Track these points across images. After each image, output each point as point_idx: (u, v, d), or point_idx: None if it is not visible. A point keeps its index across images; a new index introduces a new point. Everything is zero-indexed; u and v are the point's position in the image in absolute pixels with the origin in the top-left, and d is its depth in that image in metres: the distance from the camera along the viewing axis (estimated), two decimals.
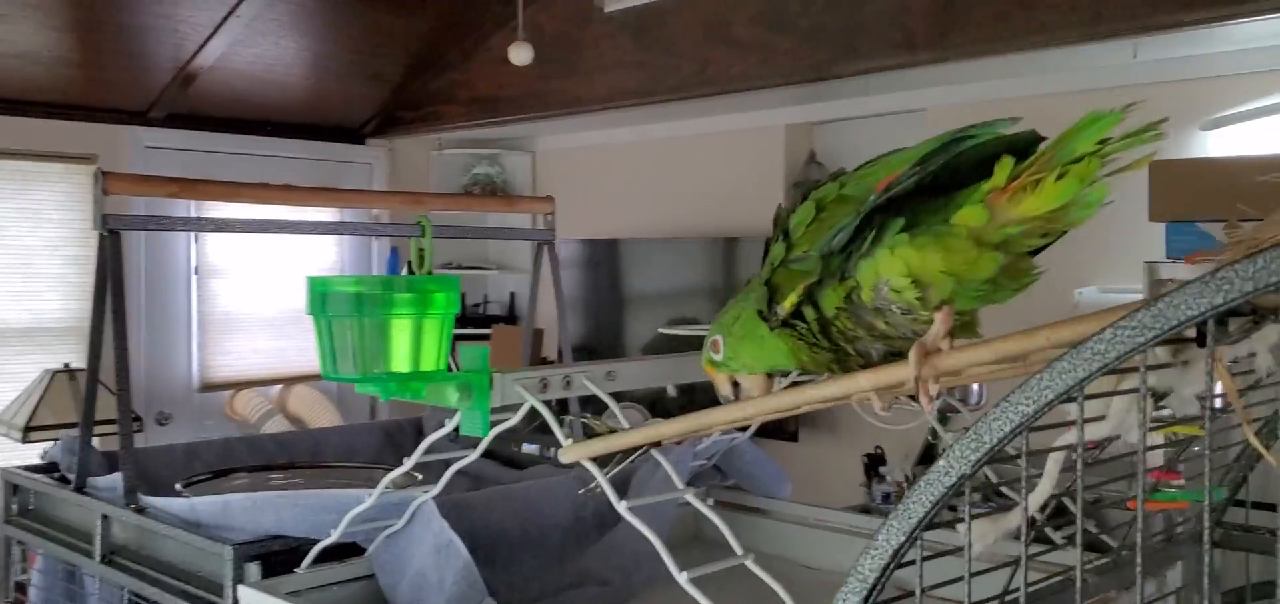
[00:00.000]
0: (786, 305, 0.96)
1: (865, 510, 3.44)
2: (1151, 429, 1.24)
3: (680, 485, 1.22)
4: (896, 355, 0.91)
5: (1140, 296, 3.25)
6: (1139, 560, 0.70)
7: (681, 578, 1.06)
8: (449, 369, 1.05)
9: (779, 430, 4.64)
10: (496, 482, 1.92)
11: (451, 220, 2.14)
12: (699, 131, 5.30)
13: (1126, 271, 3.89)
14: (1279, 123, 3.55)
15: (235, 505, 1.36)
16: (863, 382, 0.91)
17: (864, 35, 3.83)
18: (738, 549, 1.08)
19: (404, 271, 2.18)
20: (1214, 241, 3.02)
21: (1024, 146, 0.88)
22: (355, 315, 0.97)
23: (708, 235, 5.14)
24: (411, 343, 0.99)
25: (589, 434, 1.06)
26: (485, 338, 5.96)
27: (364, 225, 3.76)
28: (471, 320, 6.30)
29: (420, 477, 1.62)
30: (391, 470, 1.64)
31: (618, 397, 1.18)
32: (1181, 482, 1.17)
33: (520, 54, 3.85)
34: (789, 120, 4.96)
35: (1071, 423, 1.15)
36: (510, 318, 6.28)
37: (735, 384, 1.05)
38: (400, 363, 1.00)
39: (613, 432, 1.05)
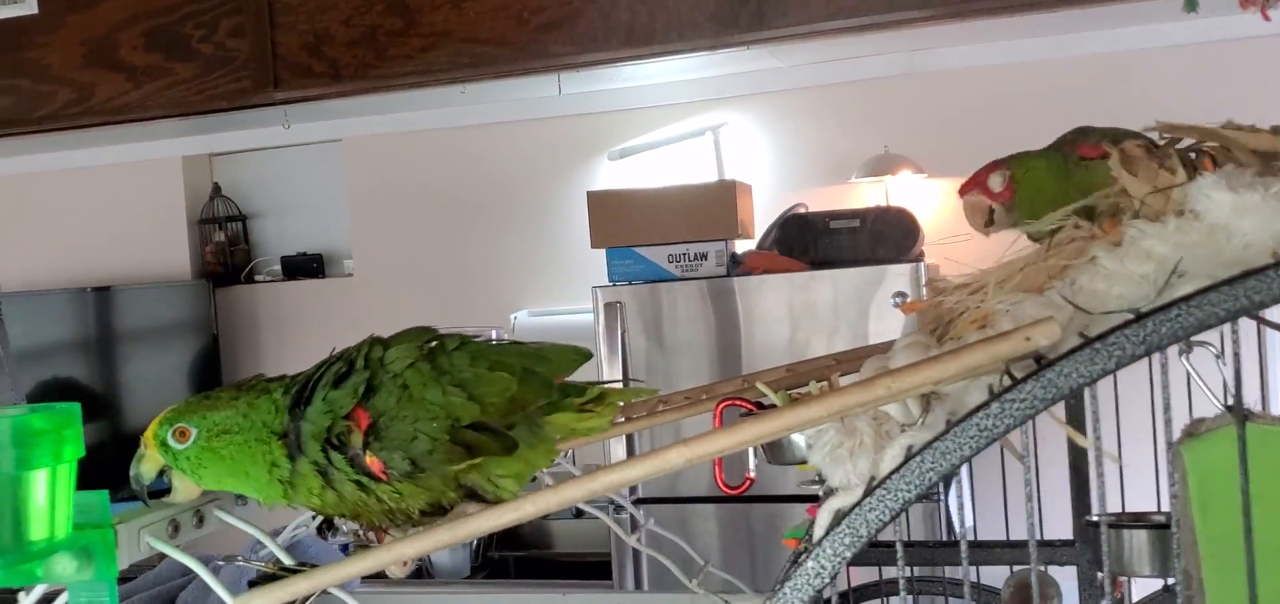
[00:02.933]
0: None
1: None
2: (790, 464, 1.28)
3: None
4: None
5: (587, 317, 3.45)
6: None
7: None
8: None
9: None
10: None
11: None
12: (71, 166, 4.64)
13: (560, 294, 4.09)
14: (669, 153, 3.95)
15: None
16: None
17: (281, 64, 3.60)
18: None
19: None
20: (653, 265, 3.27)
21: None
22: None
23: (73, 285, 4.52)
24: (16, 505, 0.70)
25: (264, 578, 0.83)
26: None
27: None
28: None
29: None
30: None
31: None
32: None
33: None
34: (187, 151, 4.53)
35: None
36: None
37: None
38: (2, 536, 0.69)
39: (293, 570, 0.83)
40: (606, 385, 1.07)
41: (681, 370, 3.33)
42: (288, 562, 0.92)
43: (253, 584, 0.85)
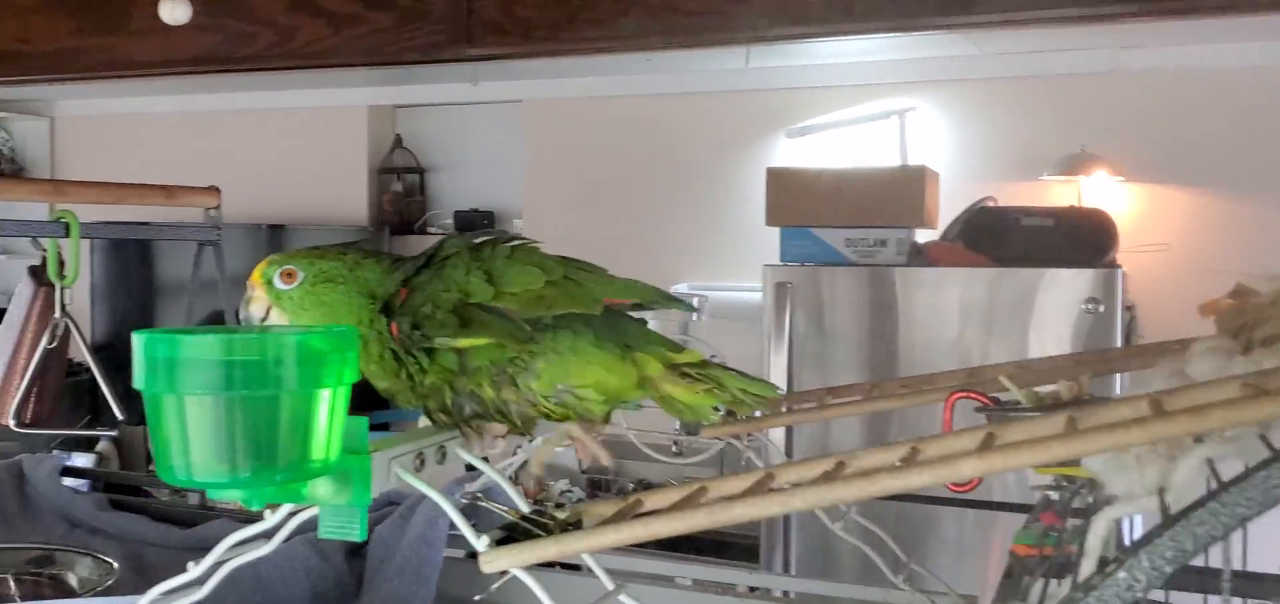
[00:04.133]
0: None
1: None
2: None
3: (476, 542, 0.92)
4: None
5: (755, 296, 3.40)
6: None
7: None
8: None
9: None
10: (178, 549, 1.54)
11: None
12: (261, 106, 4.82)
13: (724, 270, 4.06)
14: (849, 134, 3.86)
15: None
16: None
17: (475, 21, 3.65)
18: None
19: (29, 281, 1.67)
20: (828, 248, 3.20)
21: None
22: (229, 390, 0.66)
23: (249, 221, 4.68)
24: (300, 424, 0.70)
25: (512, 533, 0.81)
26: None
27: None
28: None
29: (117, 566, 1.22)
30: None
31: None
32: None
33: (175, 10, 3.03)
34: (373, 101, 4.65)
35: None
36: None
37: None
38: (286, 453, 0.69)
39: (554, 525, 0.82)
40: (725, 367, 0.99)
41: (842, 357, 3.26)
42: (522, 505, 0.90)
43: (502, 538, 0.83)
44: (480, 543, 0.82)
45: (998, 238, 3.13)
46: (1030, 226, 3.09)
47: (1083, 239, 3.03)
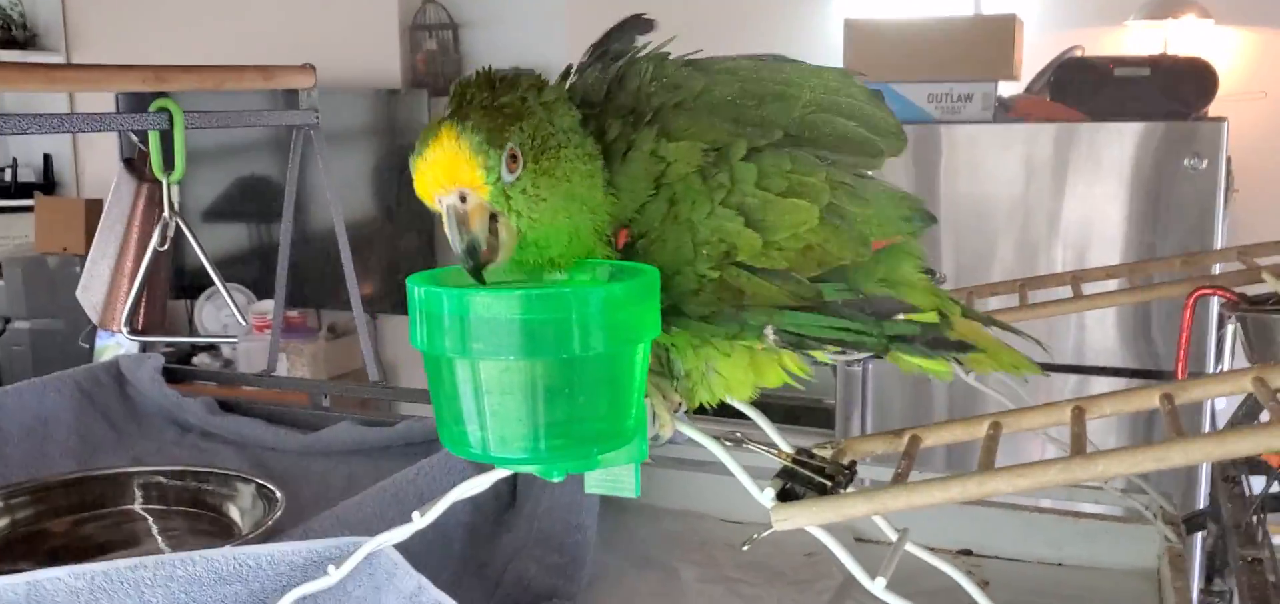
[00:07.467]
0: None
1: None
2: None
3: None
4: None
5: None
6: None
7: (876, 587, 0.68)
8: None
9: None
10: (300, 454, 1.44)
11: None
12: None
13: None
14: None
15: (51, 589, 0.82)
16: None
17: None
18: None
19: (127, 175, 1.55)
20: (910, 104, 3.04)
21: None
22: (532, 355, 0.55)
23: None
24: (610, 386, 0.58)
25: (793, 481, 0.68)
26: (26, 211, 4.90)
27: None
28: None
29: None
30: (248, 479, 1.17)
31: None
32: None
33: None
34: None
35: None
36: (47, 185, 5.20)
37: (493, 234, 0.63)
38: (596, 420, 0.58)
39: (829, 465, 0.71)
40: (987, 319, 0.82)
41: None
42: (784, 446, 0.80)
43: (783, 488, 0.73)
44: (765, 497, 0.71)
45: (1088, 90, 2.97)
46: (1124, 77, 2.93)
47: (1181, 90, 2.88)
